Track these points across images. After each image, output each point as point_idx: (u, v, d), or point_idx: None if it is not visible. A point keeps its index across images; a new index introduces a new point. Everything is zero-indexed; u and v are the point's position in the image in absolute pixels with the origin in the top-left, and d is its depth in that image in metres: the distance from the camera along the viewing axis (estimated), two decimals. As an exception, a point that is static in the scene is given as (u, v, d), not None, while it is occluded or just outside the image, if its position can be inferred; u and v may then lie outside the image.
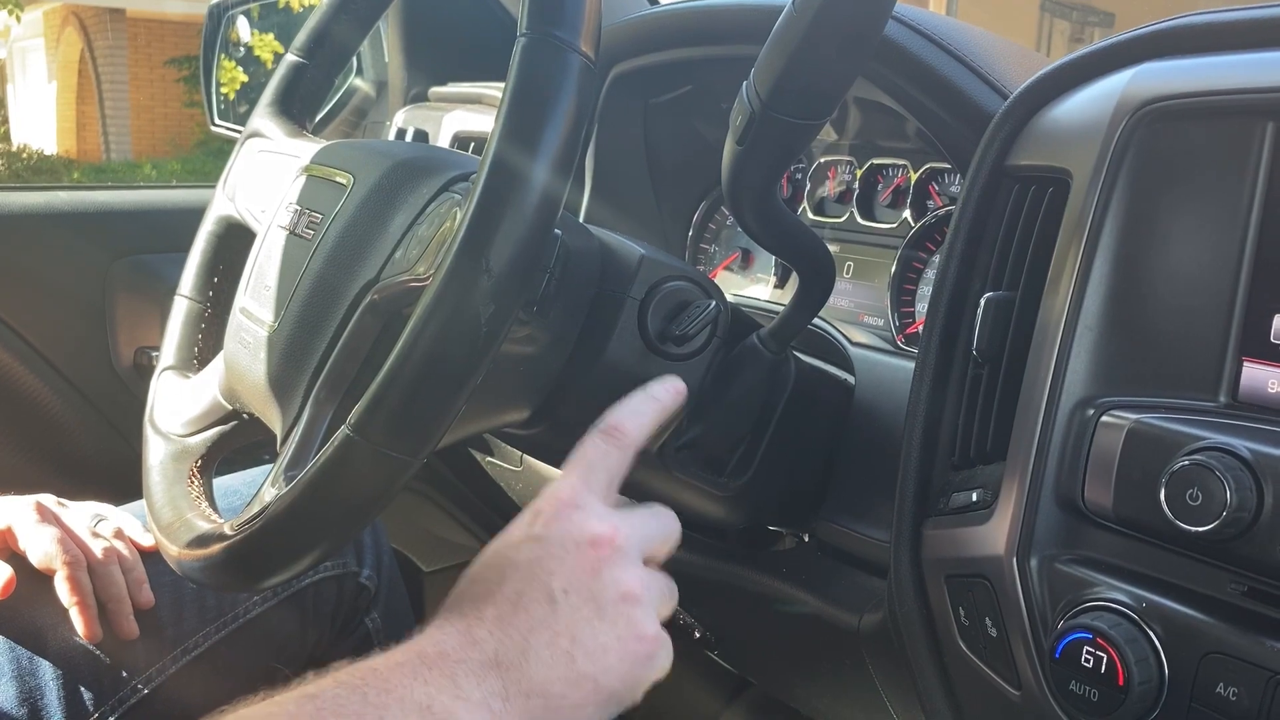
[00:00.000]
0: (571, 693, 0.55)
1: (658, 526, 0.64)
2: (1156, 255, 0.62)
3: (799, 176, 1.11)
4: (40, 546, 0.89)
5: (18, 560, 0.90)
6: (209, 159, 10.62)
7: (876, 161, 1.03)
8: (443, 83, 1.52)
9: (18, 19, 11.44)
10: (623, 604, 0.58)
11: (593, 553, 0.58)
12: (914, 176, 0.99)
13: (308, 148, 0.85)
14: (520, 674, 0.54)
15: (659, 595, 0.61)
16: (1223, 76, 0.61)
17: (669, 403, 0.69)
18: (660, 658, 0.60)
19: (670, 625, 0.61)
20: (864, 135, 1.04)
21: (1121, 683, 0.57)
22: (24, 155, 11.00)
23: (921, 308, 0.96)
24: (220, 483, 0.93)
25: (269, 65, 0.96)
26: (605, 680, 0.57)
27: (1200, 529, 0.55)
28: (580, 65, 0.59)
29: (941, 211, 0.96)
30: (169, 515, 0.77)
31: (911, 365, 0.76)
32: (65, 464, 1.50)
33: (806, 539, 0.92)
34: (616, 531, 0.59)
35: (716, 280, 0.95)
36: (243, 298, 0.81)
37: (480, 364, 0.58)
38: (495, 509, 1.35)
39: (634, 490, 0.82)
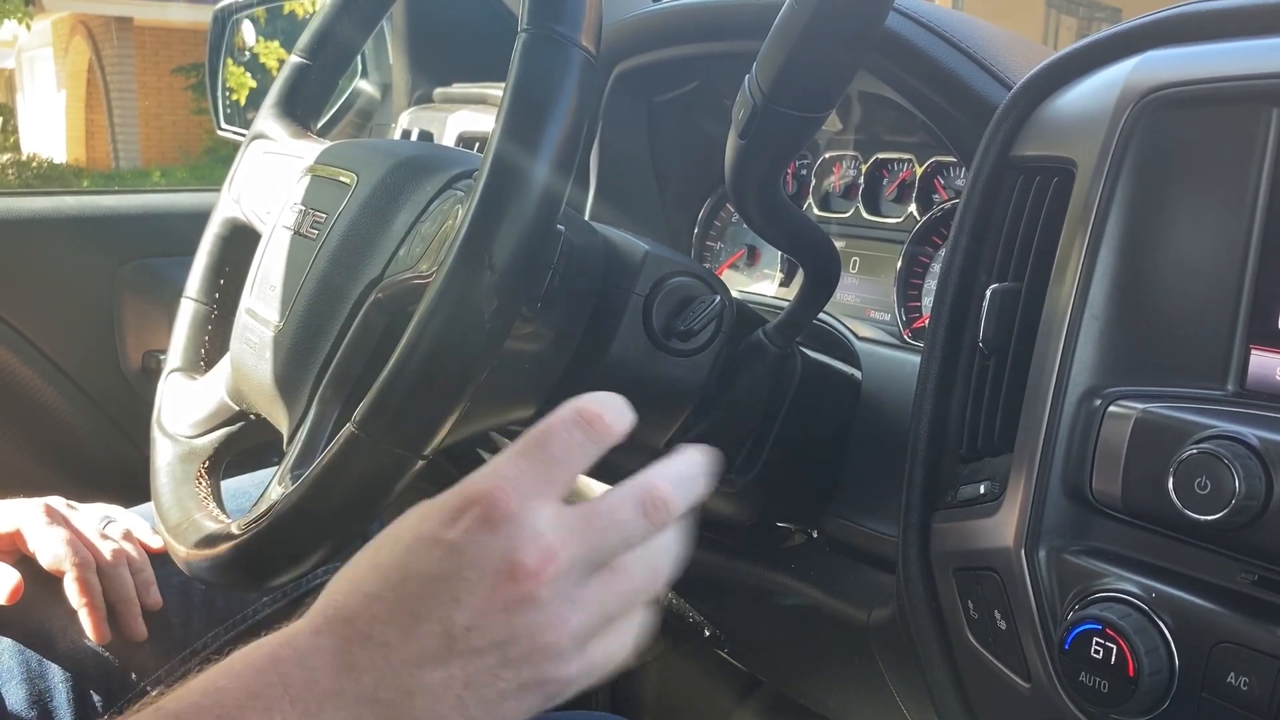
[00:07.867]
0: None
1: (620, 535, 0.49)
2: (1162, 244, 0.62)
3: (804, 172, 1.10)
4: (49, 548, 0.90)
5: (27, 562, 0.90)
6: (217, 166, 10.63)
7: (881, 156, 1.03)
8: (447, 83, 1.52)
9: (28, 27, 11.50)
10: (534, 654, 0.47)
11: (510, 587, 0.47)
12: (919, 170, 0.99)
13: (312, 148, 0.86)
14: (400, 714, 0.46)
15: (609, 612, 0.49)
16: (1227, 63, 0.60)
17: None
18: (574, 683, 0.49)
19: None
20: (869, 130, 1.04)
21: (1132, 673, 0.57)
22: (33, 164, 11.04)
23: (928, 302, 0.96)
24: (229, 485, 0.93)
25: (275, 73, 0.96)
26: None
27: (1209, 518, 0.54)
28: (581, 60, 0.59)
29: (947, 205, 0.96)
30: (176, 516, 0.77)
31: (918, 359, 0.76)
32: (74, 467, 1.51)
33: (815, 535, 0.92)
34: (551, 561, 0.47)
35: (722, 278, 0.95)
36: (248, 298, 0.81)
37: (484, 359, 0.58)
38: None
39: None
